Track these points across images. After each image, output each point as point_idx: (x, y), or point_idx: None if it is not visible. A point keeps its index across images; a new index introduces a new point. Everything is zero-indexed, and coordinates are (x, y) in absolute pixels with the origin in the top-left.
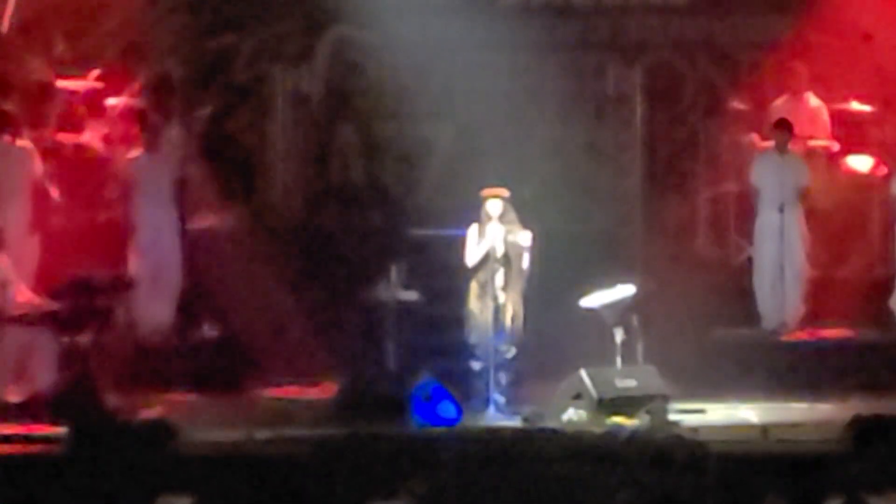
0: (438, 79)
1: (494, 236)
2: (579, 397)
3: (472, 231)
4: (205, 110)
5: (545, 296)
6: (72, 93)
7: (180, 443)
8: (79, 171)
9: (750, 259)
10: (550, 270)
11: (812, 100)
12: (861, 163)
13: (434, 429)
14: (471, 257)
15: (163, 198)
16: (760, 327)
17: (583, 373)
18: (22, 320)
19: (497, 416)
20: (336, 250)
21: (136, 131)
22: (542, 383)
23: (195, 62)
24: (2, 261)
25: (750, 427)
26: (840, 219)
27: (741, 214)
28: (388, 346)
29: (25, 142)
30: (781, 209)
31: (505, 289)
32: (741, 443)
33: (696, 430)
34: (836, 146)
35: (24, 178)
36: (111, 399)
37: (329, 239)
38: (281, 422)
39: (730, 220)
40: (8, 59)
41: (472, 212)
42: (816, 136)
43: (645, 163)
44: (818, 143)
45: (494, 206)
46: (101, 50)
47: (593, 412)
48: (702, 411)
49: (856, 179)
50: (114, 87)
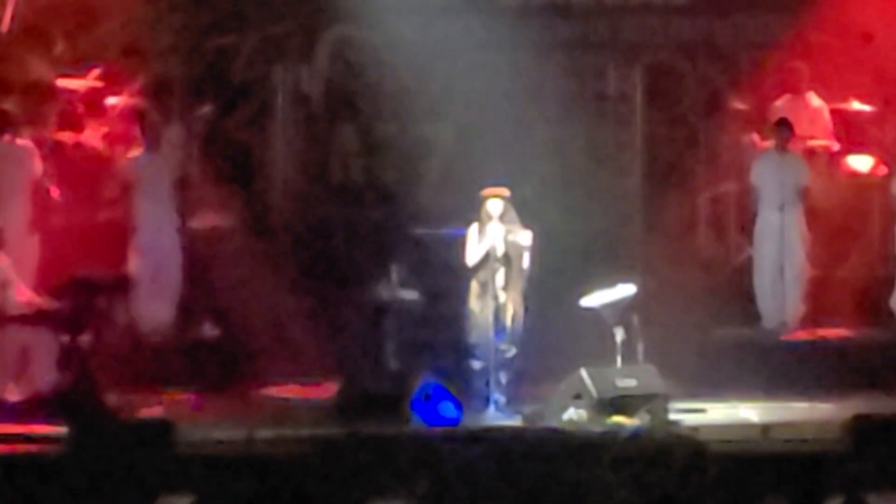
0: (438, 79)
1: (495, 236)
2: (579, 397)
3: (472, 230)
4: (205, 110)
5: (545, 295)
6: (72, 92)
7: (180, 442)
8: (79, 171)
9: (750, 259)
10: (551, 270)
11: (814, 100)
12: (861, 162)
13: (434, 429)
14: (471, 257)
15: (163, 197)
16: (760, 327)
17: (583, 372)
18: (22, 320)
19: (497, 416)
20: (336, 250)
21: (136, 131)
22: (542, 383)
23: (195, 62)
24: (2, 260)
25: (750, 426)
26: (840, 218)
27: (741, 214)
28: (388, 345)
29: (25, 141)
30: (781, 209)
31: (505, 288)
32: (741, 442)
33: (696, 429)
34: (836, 146)
35: (24, 177)
36: (111, 398)
37: (329, 238)
38: (281, 422)
39: (730, 219)
40: (8, 59)
41: (473, 211)
42: (818, 136)
43: (645, 163)
44: (818, 142)
45: (495, 205)
46: (101, 50)
47: (593, 412)
48: (702, 411)
49: (856, 179)
50: (114, 86)
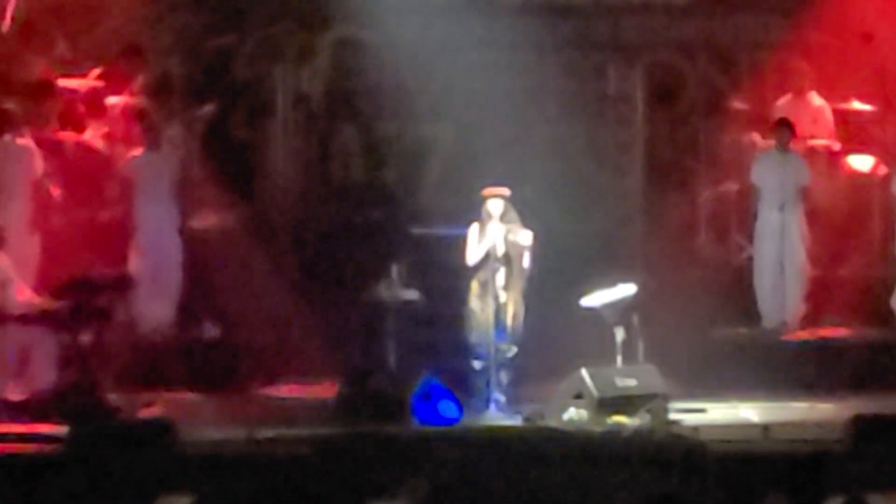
0: (438, 79)
1: (495, 235)
2: (580, 396)
3: (472, 230)
4: (205, 110)
5: (546, 295)
6: (72, 92)
7: (180, 442)
8: (79, 170)
9: (750, 258)
10: (551, 270)
11: (815, 99)
12: (862, 162)
13: (434, 428)
14: (471, 256)
15: (163, 197)
16: (761, 326)
17: (583, 372)
18: (22, 319)
19: (498, 416)
20: (336, 250)
21: (136, 130)
22: (542, 382)
23: (195, 62)
24: (2, 260)
25: (750, 426)
26: (841, 218)
27: (742, 214)
28: (388, 345)
29: (26, 140)
30: (782, 209)
31: (506, 288)
32: (741, 442)
33: (696, 429)
34: (836, 146)
35: (25, 176)
36: (111, 398)
37: (329, 238)
38: (281, 421)
39: (730, 219)
40: (9, 58)
41: (473, 211)
42: (819, 135)
43: (645, 163)
44: (818, 142)
45: (495, 205)
46: (102, 49)
47: (594, 411)
48: (702, 410)
49: (856, 179)
50: (114, 86)
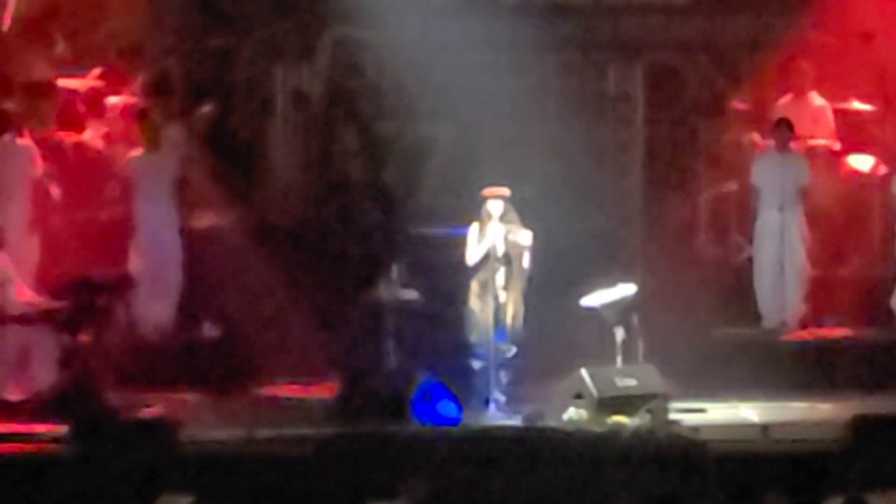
0: (438, 79)
1: (495, 235)
2: (580, 396)
3: (472, 230)
4: (205, 110)
5: (545, 295)
6: (72, 91)
7: (180, 442)
8: (79, 170)
9: (750, 258)
10: (551, 270)
11: (816, 99)
12: (862, 162)
13: (434, 428)
14: (471, 256)
15: (163, 197)
16: (761, 327)
17: (583, 372)
18: (22, 320)
19: (497, 415)
20: (336, 249)
21: (136, 130)
22: (542, 382)
23: (195, 62)
24: (2, 260)
25: (750, 426)
26: (840, 218)
27: (741, 214)
28: (388, 345)
29: (26, 140)
30: (782, 209)
31: (505, 288)
32: (741, 442)
33: (696, 429)
34: (836, 145)
35: (25, 176)
36: (111, 398)
37: (329, 238)
38: (281, 421)
39: (730, 219)
40: (8, 58)
41: (473, 211)
42: (819, 135)
43: (645, 163)
44: (818, 142)
45: (495, 205)
46: (102, 49)
47: (594, 411)
48: (702, 410)
49: (856, 179)
50: (114, 85)
